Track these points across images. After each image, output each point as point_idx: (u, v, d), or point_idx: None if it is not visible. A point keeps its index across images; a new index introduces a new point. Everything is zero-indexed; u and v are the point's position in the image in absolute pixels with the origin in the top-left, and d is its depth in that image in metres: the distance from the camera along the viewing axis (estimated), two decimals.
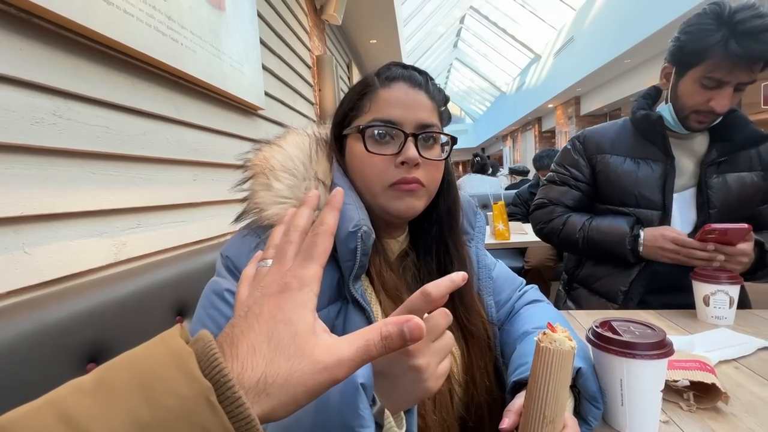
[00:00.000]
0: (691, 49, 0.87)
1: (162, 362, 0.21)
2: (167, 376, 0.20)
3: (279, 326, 0.24)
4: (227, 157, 1.38)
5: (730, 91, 0.86)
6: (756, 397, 0.57)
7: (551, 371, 0.38)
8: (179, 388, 0.20)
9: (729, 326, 0.82)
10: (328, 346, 0.25)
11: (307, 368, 0.23)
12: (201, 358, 0.21)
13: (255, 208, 0.51)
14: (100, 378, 0.20)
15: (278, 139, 0.57)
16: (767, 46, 0.80)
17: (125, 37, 0.86)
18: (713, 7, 0.85)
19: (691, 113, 0.93)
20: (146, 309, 0.68)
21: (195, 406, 0.20)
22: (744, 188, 0.97)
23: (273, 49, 1.94)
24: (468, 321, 0.56)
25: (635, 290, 1.00)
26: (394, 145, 0.52)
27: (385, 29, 4.26)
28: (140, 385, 0.20)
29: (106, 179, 0.86)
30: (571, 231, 1.06)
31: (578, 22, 7.76)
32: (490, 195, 2.37)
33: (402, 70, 0.55)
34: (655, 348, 0.48)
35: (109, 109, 0.87)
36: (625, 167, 1.02)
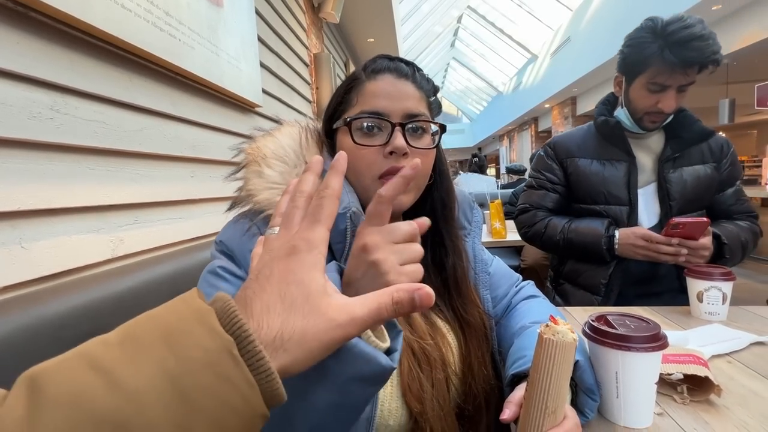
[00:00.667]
0: (634, 60, 0.99)
1: (184, 318, 0.22)
2: (190, 331, 0.21)
3: (291, 287, 0.25)
4: (225, 154, 1.38)
5: (673, 92, 0.97)
6: (748, 390, 0.58)
7: (554, 363, 0.39)
8: (203, 341, 0.21)
9: (722, 322, 0.83)
10: (342, 305, 0.26)
11: (322, 325, 0.24)
12: (221, 314, 0.22)
13: (247, 194, 0.52)
14: (126, 333, 0.21)
15: (272, 131, 0.58)
16: (697, 52, 0.90)
17: (123, 33, 0.86)
18: (648, 23, 0.97)
19: (644, 115, 1.03)
20: (144, 305, 0.68)
21: (219, 358, 0.21)
22: (699, 180, 1.07)
23: (271, 47, 1.94)
24: (464, 311, 0.57)
25: (614, 282, 1.07)
26: (382, 136, 0.53)
27: (383, 28, 4.25)
28: (165, 338, 0.21)
29: (104, 175, 0.85)
30: (552, 233, 1.14)
31: (575, 22, 7.80)
32: (487, 194, 2.38)
33: (388, 62, 0.56)
34: (649, 341, 0.48)
35: (106, 105, 0.87)
36: (592, 168, 1.11)
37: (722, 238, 0.98)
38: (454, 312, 0.58)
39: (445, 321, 0.57)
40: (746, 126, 11.67)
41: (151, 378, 0.19)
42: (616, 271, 1.07)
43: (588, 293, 1.12)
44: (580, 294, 1.14)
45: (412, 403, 0.48)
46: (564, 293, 1.21)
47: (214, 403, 0.20)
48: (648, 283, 1.08)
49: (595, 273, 1.10)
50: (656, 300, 1.04)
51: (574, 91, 8.18)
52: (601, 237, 1.04)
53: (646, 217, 1.08)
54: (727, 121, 5.11)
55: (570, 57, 7.77)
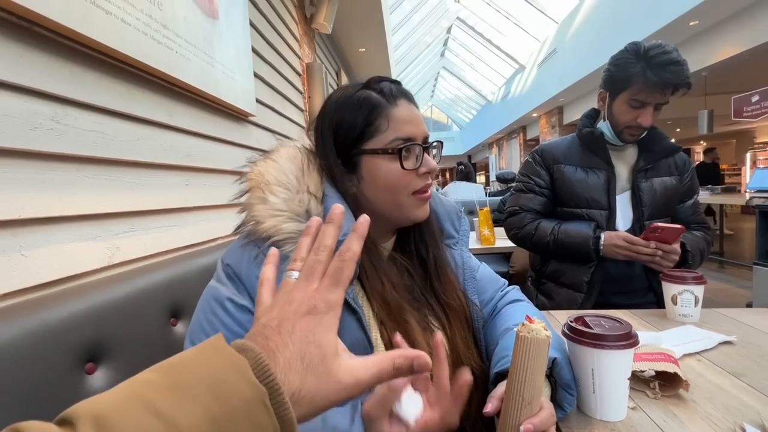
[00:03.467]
0: (618, 78, 1.09)
1: (223, 368, 0.25)
2: (230, 380, 0.24)
3: (310, 347, 0.28)
4: (219, 163, 1.40)
5: (651, 109, 1.08)
6: (714, 385, 0.62)
7: (529, 357, 0.42)
8: (242, 392, 0.24)
9: (695, 323, 0.88)
10: (349, 368, 0.29)
11: (332, 387, 0.28)
12: (254, 366, 0.25)
13: (252, 220, 0.54)
14: (172, 378, 0.24)
15: (272, 153, 0.60)
16: (674, 75, 1.02)
17: (122, 45, 0.89)
18: (632, 46, 1.08)
19: (624, 128, 1.13)
20: (141, 310, 0.70)
21: (254, 407, 0.24)
22: (666, 190, 1.19)
23: (264, 57, 1.97)
24: (446, 295, 0.61)
25: (596, 280, 1.16)
26: (411, 158, 0.58)
27: (374, 38, 4.33)
28: (209, 387, 0.24)
29: (101, 184, 0.87)
30: (542, 235, 1.21)
31: (560, 34, 8.02)
32: (476, 201, 2.44)
33: (396, 87, 0.60)
34: (622, 339, 0.52)
35: (104, 115, 0.89)
36: (576, 175, 1.20)
37: (687, 246, 1.09)
38: (436, 298, 0.62)
39: (434, 317, 0.60)
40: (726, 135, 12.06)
41: (201, 424, 0.22)
42: (597, 271, 1.16)
43: (571, 291, 1.19)
44: (563, 292, 1.21)
45: None
46: (547, 292, 1.27)
47: None
48: (623, 281, 1.18)
49: (578, 272, 1.18)
50: (630, 296, 1.16)
51: (560, 100, 8.38)
52: (589, 238, 1.12)
53: (622, 222, 1.18)
54: (706, 131, 5.30)
55: (556, 68, 7.97)
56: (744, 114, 4.70)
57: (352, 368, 0.29)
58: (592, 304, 1.15)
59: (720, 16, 4.17)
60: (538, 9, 8.70)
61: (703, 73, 4.88)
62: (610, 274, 1.16)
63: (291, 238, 0.53)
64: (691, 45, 4.68)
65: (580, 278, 1.17)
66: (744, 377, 0.64)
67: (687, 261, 1.09)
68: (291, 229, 0.53)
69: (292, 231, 0.53)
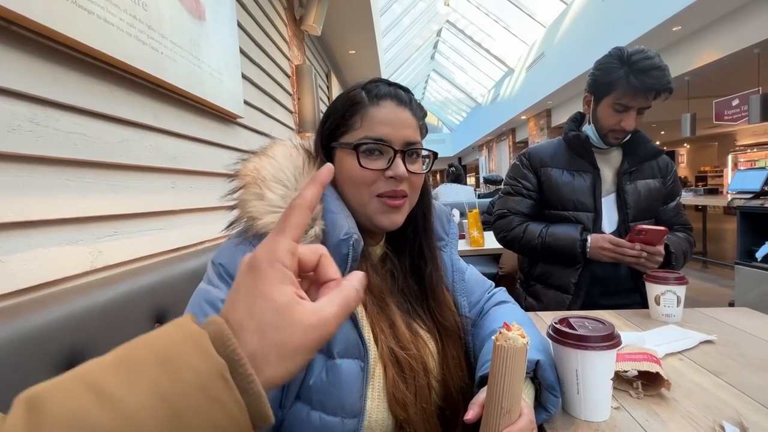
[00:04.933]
0: (603, 82, 1.11)
1: (179, 341, 0.23)
2: (185, 353, 0.22)
3: (258, 302, 0.25)
4: (206, 165, 1.38)
5: (634, 114, 1.10)
6: (695, 384, 0.63)
7: (506, 366, 0.43)
8: (196, 364, 0.22)
9: (677, 323, 0.89)
10: (313, 309, 0.26)
11: (297, 333, 0.25)
12: (214, 338, 0.23)
13: (247, 216, 0.53)
14: (121, 355, 0.22)
15: (266, 150, 0.59)
16: (656, 80, 1.04)
17: (105, 46, 0.87)
18: (615, 51, 1.11)
19: (608, 132, 1.15)
20: (125, 316, 0.68)
21: (210, 380, 0.22)
22: (650, 192, 1.21)
23: (252, 59, 1.96)
24: (441, 316, 0.61)
25: (583, 282, 1.18)
26: (383, 159, 0.57)
27: (364, 40, 4.33)
28: (160, 360, 0.22)
29: (83, 186, 0.85)
30: (530, 238, 1.22)
31: (548, 38, 8.13)
32: (466, 203, 2.45)
33: (389, 88, 0.59)
34: (605, 340, 0.53)
35: (87, 117, 0.87)
36: (563, 178, 1.22)
37: (670, 247, 1.12)
38: (431, 317, 0.62)
39: (426, 330, 0.61)
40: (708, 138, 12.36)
41: (146, 398, 0.20)
42: (584, 273, 1.17)
43: (559, 293, 1.21)
44: (551, 294, 1.22)
45: (398, 412, 0.51)
46: (535, 294, 1.28)
47: (204, 423, 0.21)
48: (610, 283, 1.20)
49: (565, 274, 1.19)
50: (616, 297, 1.17)
51: (548, 103, 8.50)
52: (576, 241, 1.14)
53: (608, 224, 1.20)
54: (689, 134, 5.43)
55: (544, 71, 8.08)
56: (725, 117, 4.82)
57: (316, 308, 0.26)
58: (579, 306, 1.17)
59: (702, 22, 4.28)
60: (526, 13, 8.81)
61: (686, 77, 5.00)
62: (596, 276, 1.18)
63: None
64: (674, 50, 4.79)
65: (568, 280, 1.18)
66: (723, 376, 0.66)
67: (671, 262, 1.11)
68: None
69: None
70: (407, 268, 0.64)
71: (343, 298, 0.28)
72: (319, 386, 0.50)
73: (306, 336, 0.25)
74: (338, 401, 0.50)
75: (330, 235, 0.53)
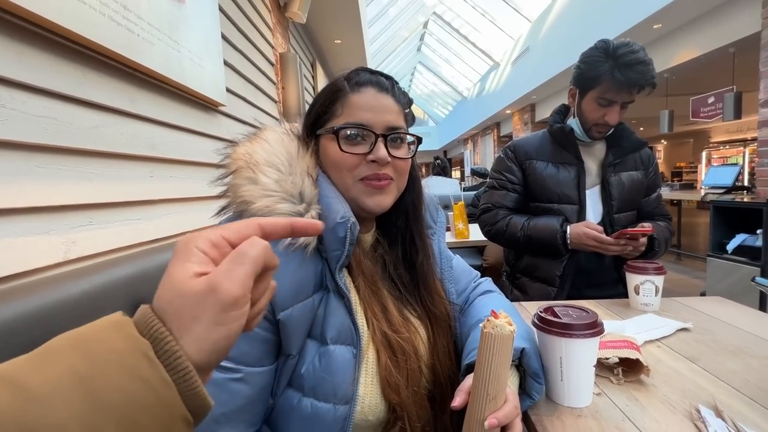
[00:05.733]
0: (588, 76, 1.11)
1: (100, 328, 0.22)
2: (105, 338, 0.21)
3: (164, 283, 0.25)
4: (187, 154, 1.34)
5: (618, 108, 1.11)
6: (672, 369, 0.65)
7: (493, 353, 0.43)
8: (116, 344, 0.21)
9: (655, 312, 0.92)
10: (202, 278, 0.25)
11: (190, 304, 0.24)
12: (139, 323, 0.23)
13: (239, 199, 0.52)
14: (37, 350, 0.21)
15: (258, 134, 0.58)
16: (640, 75, 1.04)
17: (76, 25, 0.82)
18: (601, 44, 1.10)
19: (592, 125, 1.16)
20: (101, 309, 0.66)
21: (132, 359, 0.21)
22: (633, 184, 1.23)
23: (235, 45, 1.90)
24: (432, 304, 0.62)
25: (568, 274, 1.19)
26: (365, 145, 0.57)
27: (350, 29, 4.27)
28: (77, 345, 0.21)
29: (54, 174, 0.81)
30: (513, 231, 1.23)
31: (533, 33, 8.19)
32: (451, 196, 2.46)
33: (370, 75, 0.59)
34: (588, 328, 0.54)
35: (57, 100, 0.82)
36: (548, 171, 1.22)
37: (653, 234, 1.13)
38: (422, 305, 0.62)
39: (416, 316, 0.61)
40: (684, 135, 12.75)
41: (58, 381, 0.19)
42: (569, 264, 1.19)
43: (545, 285, 1.22)
44: (537, 286, 1.24)
45: (391, 396, 0.52)
46: (522, 286, 1.29)
47: (126, 403, 0.20)
48: (594, 274, 1.21)
49: (551, 266, 1.20)
50: (600, 288, 1.19)
51: (533, 98, 8.59)
52: (557, 232, 1.15)
53: (592, 216, 1.22)
54: (667, 130, 5.58)
55: (529, 66, 8.15)
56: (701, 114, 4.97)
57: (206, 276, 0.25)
58: (564, 298, 1.19)
59: (681, 21, 4.38)
60: (512, 7, 8.83)
61: (665, 74, 5.11)
62: (581, 268, 1.20)
63: None
64: (655, 47, 4.89)
65: (553, 273, 1.20)
66: (699, 361, 0.68)
67: (654, 248, 1.14)
68: (285, 209, 0.52)
69: (286, 212, 0.52)
70: (399, 257, 0.64)
71: (234, 254, 0.26)
72: (311, 373, 0.50)
73: (198, 304, 0.24)
74: (331, 387, 0.50)
75: (327, 219, 0.53)
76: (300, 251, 0.52)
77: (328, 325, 0.52)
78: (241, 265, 0.25)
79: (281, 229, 0.29)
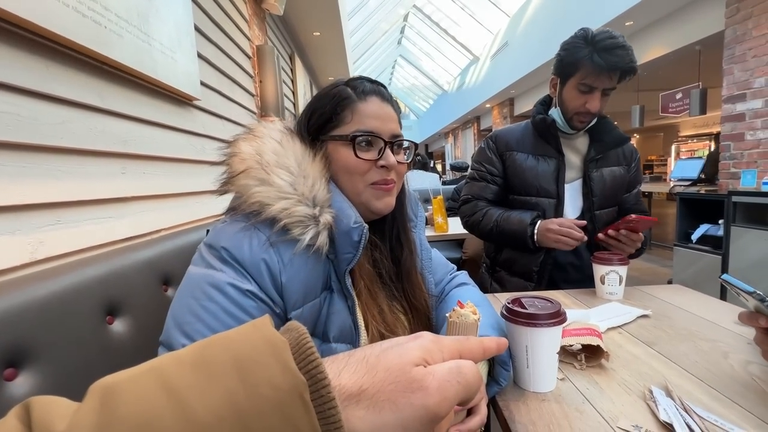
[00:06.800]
0: (568, 62, 1.11)
1: (258, 347, 0.21)
2: (264, 363, 0.20)
3: (389, 351, 0.25)
4: (160, 150, 1.31)
5: (599, 94, 1.10)
6: (631, 354, 0.70)
7: None
8: (275, 378, 0.20)
9: (619, 300, 0.97)
10: (428, 370, 0.24)
11: (402, 384, 0.23)
12: (295, 348, 0.22)
13: (252, 200, 0.53)
14: (199, 354, 0.21)
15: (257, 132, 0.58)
16: (619, 58, 1.04)
17: (37, 16, 0.79)
18: (581, 32, 1.11)
19: (574, 115, 1.14)
20: (72, 310, 0.65)
21: (289, 399, 0.20)
22: (615, 180, 1.22)
23: (209, 37, 1.85)
24: (414, 297, 0.65)
25: (545, 269, 1.21)
26: (374, 151, 0.60)
27: (329, 22, 4.21)
28: (238, 368, 0.20)
29: (18, 171, 0.78)
30: (486, 223, 1.24)
31: (512, 28, 8.28)
32: (430, 190, 2.49)
33: (372, 85, 0.63)
34: (552, 317, 0.57)
35: (19, 95, 0.79)
36: (528, 163, 1.22)
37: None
38: (405, 299, 0.65)
39: (400, 310, 0.64)
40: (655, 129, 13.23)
41: (219, 410, 0.19)
42: (545, 260, 1.20)
43: (522, 279, 1.24)
44: (515, 281, 1.26)
45: None
46: (500, 280, 1.31)
47: None
48: (571, 270, 1.23)
49: (528, 261, 1.22)
50: (578, 284, 1.19)
51: (511, 92, 8.71)
52: (526, 227, 1.15)
53: (571, 211, 1.21)
54: (638, 125, 5.78)
55: (508, 60, 8.25)
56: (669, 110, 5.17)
57: (431, 371, 0.24)
58: None
59: (651, 18, 4.53)
60: (491, 1, 8.90)
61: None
62: (558, 263, 1.20)
63: (301, 222, 0.53)
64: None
65: (530, 267, 1.20)
66: (655, 346, 0.73)
67: (642, 247, 1.13)
68: (302, 212, 0.53)
69: (303, 215, 0.53)
70: (387, 254, 0.67)
71: (455, 364, 0.25)
72: None
73: (406, 392, 0.23)
74: None
75: (341, 222, 0.55)
76: (314, 254, 0.54)
77: (331, 324, 0.55)
78: (459, 386, 0.24)
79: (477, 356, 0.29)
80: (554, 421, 0.51)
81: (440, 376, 0.24)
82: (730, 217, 2.68)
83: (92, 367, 0.59)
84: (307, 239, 0.52)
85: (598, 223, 1.20)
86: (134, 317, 0.71)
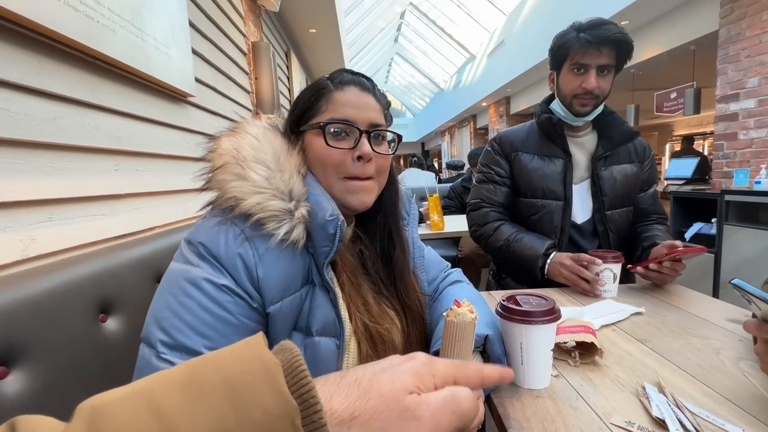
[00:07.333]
0: (557, 47, 1.11)
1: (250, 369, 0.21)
2: (255, 387, 0.20)
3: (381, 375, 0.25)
4: (154, 147, 1.30)
5: (593, 72, 1.07)
6: (624, 351, 0.70)
7: (455, 340, 0.45)
8: (266, 403, 0.20)
9: (613, 298, 0.98)
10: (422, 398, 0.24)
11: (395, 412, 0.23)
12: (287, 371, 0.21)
13: (228, 195, 0.52)
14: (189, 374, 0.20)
15: (239, 129, 0.58)
16: (605, 30, 1.03)
17: (29, 11, 0.78)
18: (571, 24, 1.12)
19: (572, 99, 1.11)
20: (64, 308, 0.64)
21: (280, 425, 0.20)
22: (626, 178, 1.17)
23: (204, 33, 1.84)
24: (407, 297, 0.65)
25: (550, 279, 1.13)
26: (349, 140, 0.58)
27: (325, 19, 4.19)
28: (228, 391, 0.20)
29: (9, 168, 0.77)
30: (496, 239, 1.18)
31: (508, 26, 8.29)
32: (426, 188, 2.49)
33: (352, 76, 0.61)
34: (546, 315, 0.57)
35: (9, 90, 0.78)
36: (533, 164, 1.18)
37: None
38: (398, 298, 0.65)
39: (392, 308, 0.64)
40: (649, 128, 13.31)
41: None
42: None
43: (528, 288, 1.16)
44: (521, 288, 1.18)
45: None
46: (506, 287, 1.26)
47: None
48: None
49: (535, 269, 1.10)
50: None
51: (507, 91, 8.72)
52: (539, 257, 1.07)
53: (581, 212, 1.16)
54: (633, 124, 5.82)
55: (504, 59, 8.26)
56: (664, 109, 5.20)
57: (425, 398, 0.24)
58: None
59: (647, 18, 4.55)
60: None
61: (632, 70, 5.31)
62: None
63: (276, 217, 0.52)
64: None
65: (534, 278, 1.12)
66: (648, 343, 0.73)
67: None
68: (276, 207, 0.52)
69: (277, 209, 0.52)
70: (377, 252, 0.66)
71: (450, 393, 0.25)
72: None
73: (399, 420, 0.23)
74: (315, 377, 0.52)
75: (316, 216, 0.54)
76: (291, 248, 0.53)
77: (314, 318, 0.54)
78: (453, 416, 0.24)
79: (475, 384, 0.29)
80: (548, 418, 0.52)
81: (434, 405, 0.24)
82: (723, 216, 2.71)
83: (85, 365, 0.58)
84: (281, 234, 0.51)
85: (609, 224, 1.15)
86: (127, 315, 0.70)
